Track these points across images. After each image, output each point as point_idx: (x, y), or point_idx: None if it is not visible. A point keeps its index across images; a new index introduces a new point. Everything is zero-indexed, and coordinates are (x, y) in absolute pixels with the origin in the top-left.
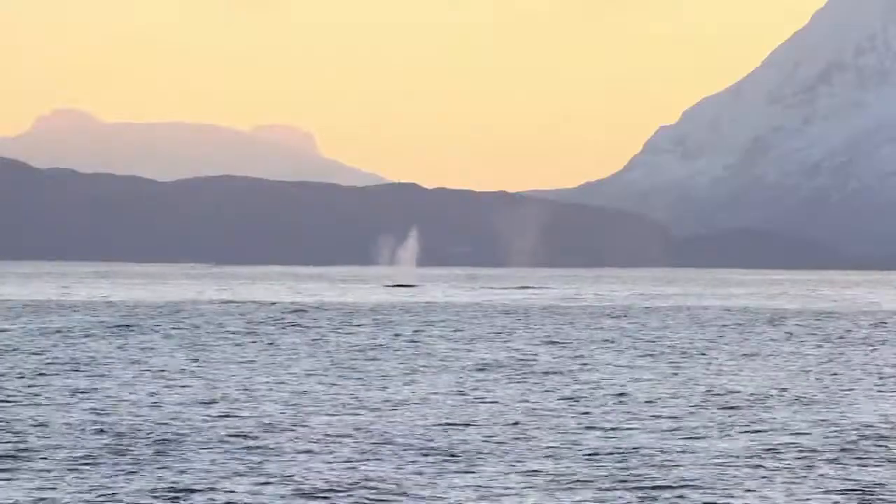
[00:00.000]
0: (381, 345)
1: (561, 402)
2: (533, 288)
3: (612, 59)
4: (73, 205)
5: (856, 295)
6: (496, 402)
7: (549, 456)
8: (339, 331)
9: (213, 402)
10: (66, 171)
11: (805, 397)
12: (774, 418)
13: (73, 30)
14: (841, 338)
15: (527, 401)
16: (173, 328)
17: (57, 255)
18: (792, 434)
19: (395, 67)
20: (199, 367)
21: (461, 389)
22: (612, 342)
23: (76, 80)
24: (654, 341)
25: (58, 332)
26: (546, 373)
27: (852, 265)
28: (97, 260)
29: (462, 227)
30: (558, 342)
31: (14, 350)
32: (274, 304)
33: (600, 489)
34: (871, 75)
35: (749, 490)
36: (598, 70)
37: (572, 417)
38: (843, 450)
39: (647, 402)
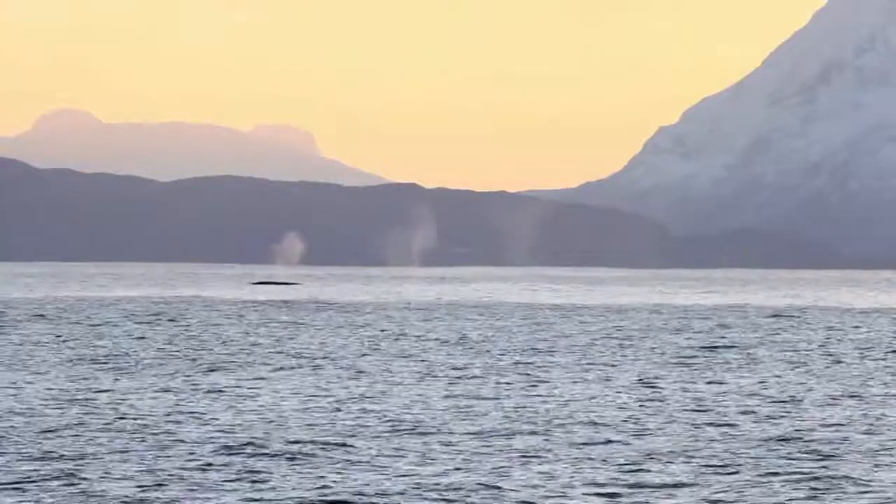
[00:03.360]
0: None
1: None
2: None
3: (612, 60)
4: (73, 205)
5: None
6: None
7: None
8: None
9: None
10: (66, 171)
11: None
12: None
13: (73, 30)
14: None
15: None
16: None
17: (57, 255)
18: None
19: (394, 67)
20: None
21: None
22: None
23: (76, 80)
24: None
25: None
26: None
27: (852, 265)
28: (97, 260)
29: (462, 227)
30: None
31: None
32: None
33: None
34: (871, 75)
35: None
36: (598, 70)
37: None
38: None
39: None
